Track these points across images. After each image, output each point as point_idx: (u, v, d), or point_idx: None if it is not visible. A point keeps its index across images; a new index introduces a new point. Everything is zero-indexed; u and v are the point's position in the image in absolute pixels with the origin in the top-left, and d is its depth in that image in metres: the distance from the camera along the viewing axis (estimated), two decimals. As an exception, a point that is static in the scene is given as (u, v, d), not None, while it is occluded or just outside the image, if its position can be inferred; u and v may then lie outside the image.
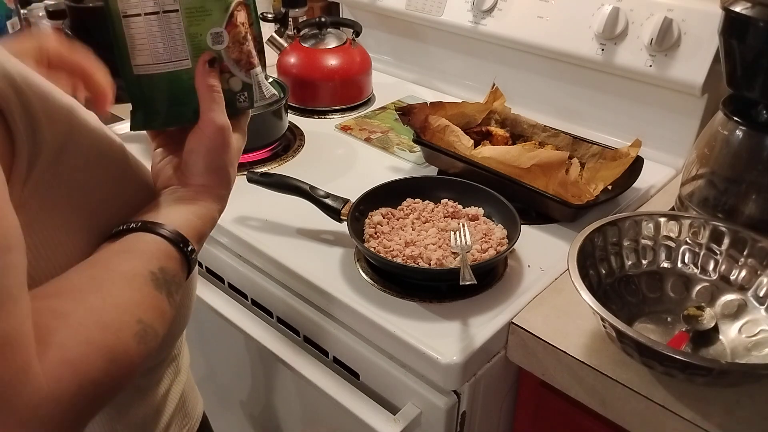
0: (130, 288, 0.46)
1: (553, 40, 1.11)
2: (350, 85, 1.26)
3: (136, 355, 0.45)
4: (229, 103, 0.57)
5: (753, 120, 0.79)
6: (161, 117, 0.59)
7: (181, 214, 0.53)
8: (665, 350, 0.61)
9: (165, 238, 0.50)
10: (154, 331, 0.46)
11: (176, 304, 0.50)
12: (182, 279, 0.52)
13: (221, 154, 0.55)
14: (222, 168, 0.56)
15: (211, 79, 0.55)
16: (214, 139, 0.55)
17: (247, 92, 0.59)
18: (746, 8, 0.73)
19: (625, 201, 0.97)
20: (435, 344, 0.71)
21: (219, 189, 0.56)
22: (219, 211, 0.57)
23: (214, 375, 1.16)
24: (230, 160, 0.56)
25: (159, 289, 0.48)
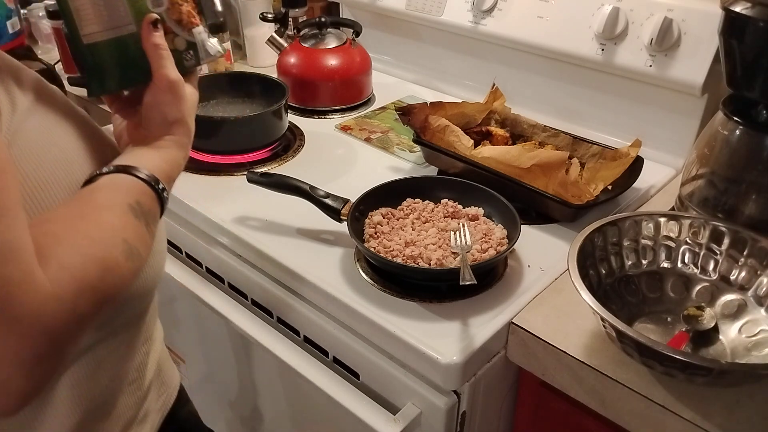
0: (112, 215, 0.52)
1: (553, 40, 1.12)
2: (350, 85, 1.26)
3: (125, 269, 0.50)
4: (178, 62, 0.62)
5: (753, 120, 0.79)
6: (115, 81, 0.63)
7: (150, 158, 0.59)
8: (665, 350, 0.61)
9: (138, 177, 0.56)
10: (138, 252, 0.52)
11: (153, 236, 0.57)
12: (157, 214, 0.58)
13: (177, 106, 0.61)
14: (180, 119, 0.61)
15: (157, 39, 0.60)
16: (169, 92, 0.60)
17: (192, 50, 0.64)
18: (746, 8, 0.73)
19: (625, 201, 0.97)
20: (435, 344, 0.71)
21: (180, 137, 0.62)
22: (183, 158, 0.62)
23: (214, 375, 1.16)
24: (187, 111, 0.62)
25: (138, 218, 0.54)
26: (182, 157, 0.62)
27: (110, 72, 0.62)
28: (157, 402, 0.75)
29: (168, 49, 0.61)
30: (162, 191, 0.58)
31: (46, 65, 1.26)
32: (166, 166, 0.59)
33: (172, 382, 0.79)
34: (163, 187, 0.58)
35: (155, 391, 0.74)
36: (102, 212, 0.51)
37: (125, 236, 0.51)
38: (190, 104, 0.63)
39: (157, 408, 0.74)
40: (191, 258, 1.02)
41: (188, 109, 0.63)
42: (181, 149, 0.62)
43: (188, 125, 0.63)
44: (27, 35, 1.49)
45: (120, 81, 0.63)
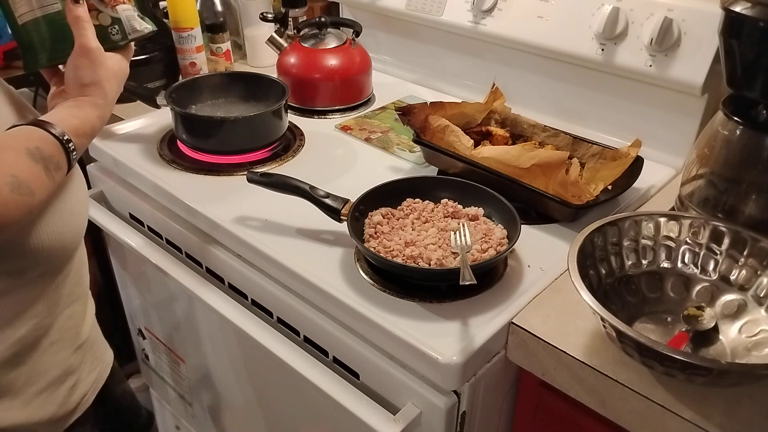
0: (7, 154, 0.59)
1: (553, 40, 1.12)
2: (350, 85, 1.26)
3: (9, 199, 0.57)
4: (105, 36, 0.70)
5: (753, 120, 0.79)
6: (47, 54, 0.71)
7: (61, 115, 0.66)
8: (665, 350, 0.61)
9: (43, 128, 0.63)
10: (28, 188, 0.58)
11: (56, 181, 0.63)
12: (62, 162, 0.64)
13: (93, 70, 0.68)
14: (96, 82, 0.69)
15: (77, 12, 0.67)
16: (85, 57, 0.68)
17: (117, 26, 0.71)
18: (746, 8, 0.73)
19: (625, 201, 0.97)
20: (435, 344, 0.71)
21: (95, 98, 0.69)
22: (98, 117, 0.69)
23: (214, 374, 1.16)
24: (104, 76, 0.69)
25: (35, 160, 0.60)
26: (96, 116, 0.69)
27: (41, 47, 0.70)
28: (90, 375, 0.81)
29: (89, 21, 0.68)
30: (66, 142, 0.64)
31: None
32: (76, 121, 0.66)
33: (104, 359, 0.86)
34: (68, 139, 0.64)
35: (88, 364, 0.81)
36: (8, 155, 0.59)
37: (15, 172, 0.58)
38: (111, 71, 0.70)
39: (90, 380, 0.81)
40: (191, 258, 1.02)
41: (106, 74, 0.69)
42: (95, 108, 0.69)
43: (104, 88, 0.69)
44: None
45: (50, 54, 0.71)
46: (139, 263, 1.17)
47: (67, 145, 0.64)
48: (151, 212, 1.06)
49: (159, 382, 1.39)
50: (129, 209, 1.12)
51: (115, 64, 0.71)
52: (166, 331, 1.23)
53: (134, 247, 1.05)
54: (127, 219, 1.13)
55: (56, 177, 0.63)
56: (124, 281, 1.29)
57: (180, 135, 1.08)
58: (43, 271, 0.71)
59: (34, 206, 0.60)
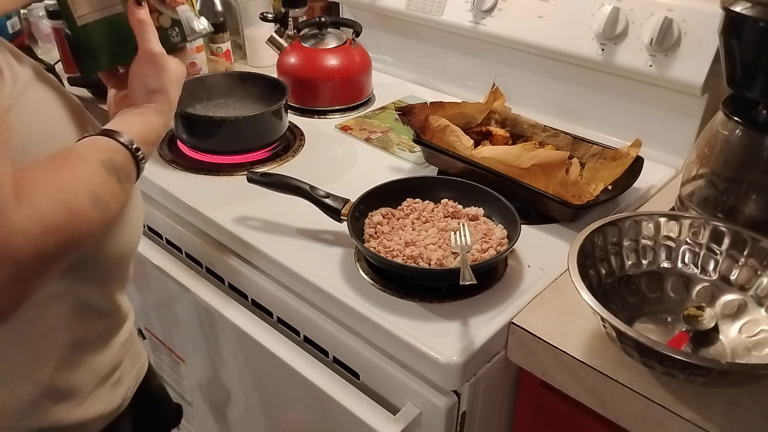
0: (84, 167, 0.57)
1: (553, 40, 1.11)
2: (350, 85, 1.26)
3: (92, 216, 0.55)
4: (165, 38, 0.68)
5: (753, 120, 0.79)
6: (106, 58, 0.69)
7: (128, 123, 0.64)
8: (665, 350, 0.61)
9: (114, 138, 0.61)
10: (106, 203, 0.57)
11: (127, 192, 0.62)
12: (131, 172, 0.62)
13: (158, 76, 0.66)
14: (161, 88, 0.67)
15: (141, 15, 0.66)
16: (150, 63, 0.66)
17: (177, 27, 0.69)
18: (746, 8, 0.73)
19: (625, 201, 0.97)
20: (435, 344, 0.71)
21: (160, 105, 0.67)
22: (163, 124, 0.68)
23: (214, 374, 1.16)
24: (168, 82, 0.67)
25: (109, 173, 0.59)
26: (162, 123, 0.67)
27: (101, 50, 0.68)
28: (132, 370, 0.81)
29: (152, 24, 0.66)
30: (135, 151, 0.62)
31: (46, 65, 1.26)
32: (143, 129, 0.64)
33: (143, 355, 0.86)
34: (137, 148, 0.62)
35: (129, 360, 0.80)
36: (77, 164, 0.57)
37: (94, 187, 0.56)
38: (173, 76, 0.68)
39: (132, 375, 0.81)
40: (191, 258, 1.02)
41: (170, 80, 0.67)
42: (161, 116, 0.67)
43: (168, 94, 0.68)
44: (27, 35, 1.49)
45: (111, 58, 0.69)
46: (139, 263, 1.17)
47: (137, 153, 0.63)
48: (151, 212, 1.06)
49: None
50: (129, 209, 1.12)
51: (176, 68, 0.69)
52: (166, 331, 1.23)
53: (134, 247, 1.05)
54: (127, 219, 1.13)
55: (127, 188, 0.62)
56: (124, 281, 1.29)
57: (180, 135, 1.08)
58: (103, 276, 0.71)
59: (110, 220, 0.59)
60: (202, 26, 0.72)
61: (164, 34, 0.68)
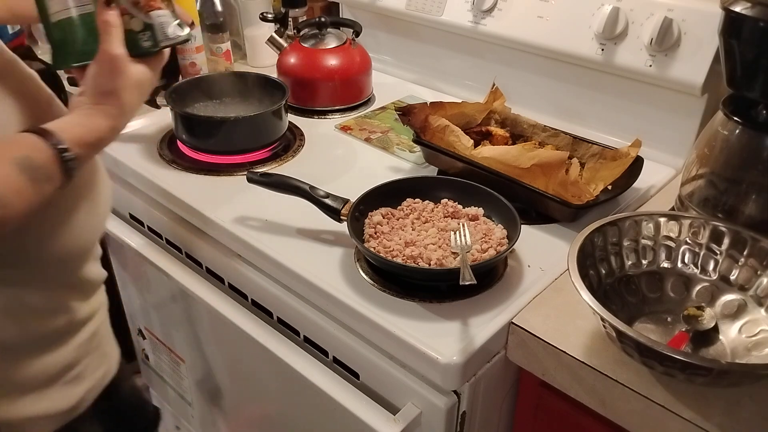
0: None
1: (553, 40, 1.12)
2: (350, 85, 1.26)
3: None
4: (134, 42, 0.66)
5: (753, 120, 0.79)
6: (75, 55, 0.68)
7: (68, 122, 0.63)
8: (665, 350, 0.61)
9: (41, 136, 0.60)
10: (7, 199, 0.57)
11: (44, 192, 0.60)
12: (54, 172, 0.60)
13: (112, 79, 0.64)
14: (112, 91, 0.65)
15: (106, 16, 0.65)
16: (106, 64, 0.64)
17: (149, 32, 0.67)
18: (746, 8, 0.73)
19: (625, 201, 0.97)
20: (435, 344, 0.71)
21: (110, 108, 0.65)
22: (109, 127, 0.66)
23: (214, 375, 1.16)
24: (123, 85, 0.65)
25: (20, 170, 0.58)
26: (107, 126, 0.65)
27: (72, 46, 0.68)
28: (96, 371, 0.81)
29: (117, 26, 0.65)
30: (62, 151, 0.61)
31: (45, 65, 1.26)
32: (81, 130, 0.63)
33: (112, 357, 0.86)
34: (64, 148, 0.61)
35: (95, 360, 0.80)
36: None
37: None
38: (132, 81, 0.66)
39: (96, 376, 0.81)
40: (191, 258, 1.02)
41: (125, 83, 0.65)
42: (107, 119, 0.65)
43: (121, 98, 0.65)
44: (27, 35, 1.49)
45: (79, 56, 0.68)
46: (139, 263, 1.17)
47: (63, 154, 0.61)
48: (151, 212, 1.06)
49: (159, 382, 1.39)
50: (129, 209, 1.12)
51: (140, 74, 0.67)
52: (166, 331, 1.23)
53: (134, 247, 1.05)
54: (127, 219, 1.13)
55: (45, 188, 0.60)
56: (124, 281, 1.29)
57: (180, 135, 1.08)
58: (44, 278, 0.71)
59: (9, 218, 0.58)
60: (177, 33, 0.69)
61: (134, 37, 0.66)
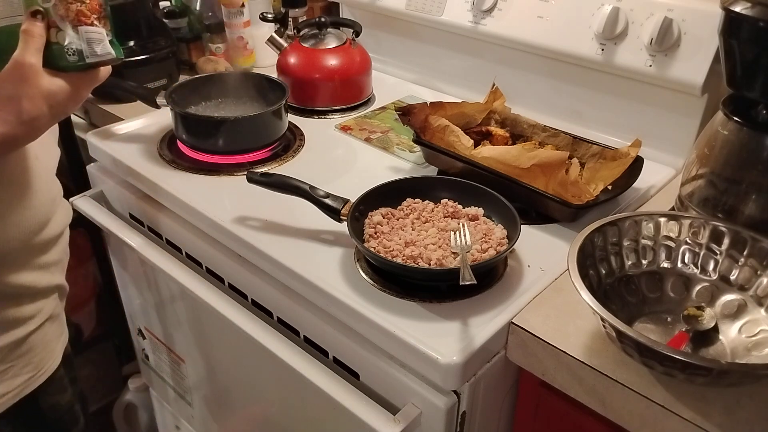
0: None
1: (553, 40, 1.12)
2: (350, 85, 1.26)
3: None
4: (59, 55, 0.66)
5: (753, 120, 0.79)
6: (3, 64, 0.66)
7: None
8: (665, 350, 0.61)
9: None
10: None
11: None
12: None
13: (15, 85, 0.64)
14: (12, 96, 0.64)
15: (27, 26, 0.65)
16: (12, 71, 0.64)
17: (75, 47, 0.66)
18: (746, 8, 0.73)
19: (625, 201, 0.97)
20: (435, 344, 0.71)
21: (5, 114, 0.65)
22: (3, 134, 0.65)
23: (214, 375, 1.16)
24: (26, 93, 0.65)
25: None
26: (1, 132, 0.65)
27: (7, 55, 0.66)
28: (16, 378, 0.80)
29: (35, 36, 0.64)
30: None
31: None
32: None
33: (42, 366, 0.84)
34: None
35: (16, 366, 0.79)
36: None
37: None
38: (40, 91, 0.65)
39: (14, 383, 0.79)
40: (191, 258, 1.02)
41: (30, 92, 0.65)
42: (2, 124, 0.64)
43: (20, 105, 0.65)
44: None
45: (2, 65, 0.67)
46: (139, 263, 1.17)
47: None
48: (151, 212, 1.06)
49: (159, 382, 1.39)
50: (129, 209, 1.12)
51: (53, 86, 0.66)
52: (166, 331, 1.23)
53: (134, 247, 1.05)
54: (127, 219, 1.13)
55: None
56: (124, 281, 1.29)
57: (180, 135, 1.08)
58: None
59: None
60: (107, 51, 0.68)
61: (59, 51, 0.66)
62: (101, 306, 1.63)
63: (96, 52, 0.67)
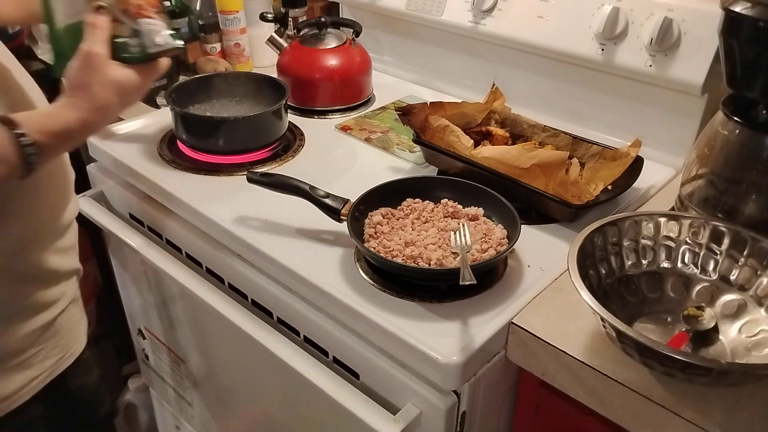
0: None
1: (553, 40, 1.12)
2: (350, 85, 1.26)
3: None
4: (123, 48, 0.70)
5: (753, 120, 0.79)
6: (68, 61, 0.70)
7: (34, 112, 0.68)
8: (665, 350, 0.61)
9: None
10: None
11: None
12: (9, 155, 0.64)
13: (85, 74, 0.68)
14: (82, 85, 0.69)
15: (92, 19, 0.69)
16: (82, 60, 0.68)
17: (137, 38, 0.70)
18: (746, 8, 0.73)
19: (625, 201, 0.97)
20: (435, 344, 0.71)
21: (79, 101, 0.68)
22: (78, 120, 0.68)
23: (214, 375, 1.16)
24: (95, 81, 0.68)
25: None
26: (74, 117, 0.68)
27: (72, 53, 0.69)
28: (45, 360, 0.83)
29: (101, 29, 0.69)
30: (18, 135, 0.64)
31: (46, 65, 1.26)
32: (45, 118, 0.67)
33: (69, 349, 0.88)
34: (21, 133, 0.64)
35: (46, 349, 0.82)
36: None
37: None
38: (109, 79, 0.69)
39: (45, 365, 0.83)
40: (191, 258, 1.02)
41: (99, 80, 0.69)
42: (75, 110, 0.68)
43: (91, 93, 0.69)
44: (27, 35, 1.49)
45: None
46: (139, 263, 1.17)
47: (20, 138, 0.64)
48: (151, 212, 1.06)
49: (159, 382, 1.39)
50: (129, 209, 1.12)
51: (121, 75, 0.70)
52: (166, 331, 1.23)
53: (134, 247, 1.05)
54: (127, 219, 1.13)
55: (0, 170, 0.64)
56: (124, 281, 1.29)
57: (180, 135, 1.08)
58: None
59: None
60: (167, 41, 0.71)
61: (123, 43, 0.70)
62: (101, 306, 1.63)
63: (156, 42, 0.71)
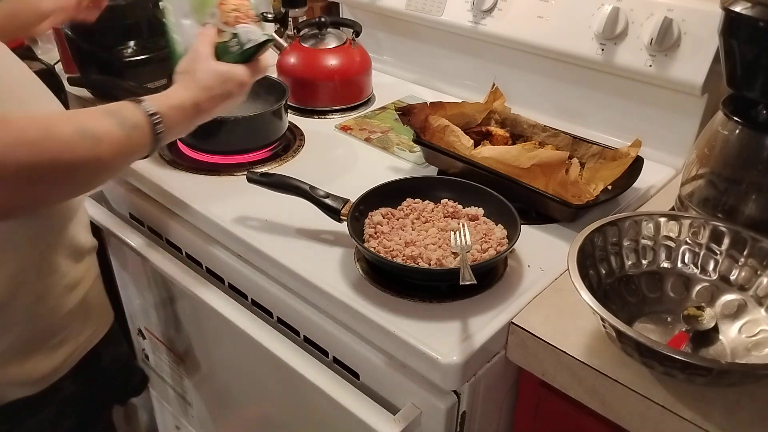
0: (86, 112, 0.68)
1: (553, 40, 1.11)
2: (350, 85, 1.26)
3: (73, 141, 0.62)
4: (225, 50, 0.83)
5: (753, 120, 0.79)
6: None
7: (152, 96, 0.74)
8: (665, 350, 0.61)
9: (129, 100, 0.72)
10: (95, 136, 0.64)
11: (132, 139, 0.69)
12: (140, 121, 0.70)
13: (190, 62, 0.80)
14: (188, 71, 0.80)
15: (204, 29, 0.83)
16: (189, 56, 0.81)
17: (235, 39, 0.84)
18: (746, 8, 0.73)
19: (625, 201, 0.97)
20: (435, 344, 0.71)
21: (186, 82, 0.79)
22: (186, 97, 0.77)
23: (214, 375, 1.16)
24: (201, 68, 0.79)
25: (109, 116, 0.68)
26: (184, 95, 0.77)
27: None
28: (79, 335, 0.87)
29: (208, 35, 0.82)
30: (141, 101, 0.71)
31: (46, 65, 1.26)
32: (161, 96, 0.75)
33: (100, 321, 0.92)
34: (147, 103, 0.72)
35: (78, 324, 0.86)
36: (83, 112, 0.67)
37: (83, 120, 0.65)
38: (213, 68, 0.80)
39: (79, 340, 0.87)
40: (191, 258, 1.02)
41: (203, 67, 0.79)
42: (184, 89, 0.78)
43: (195, 75, 0.79)
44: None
45: None
46: (139, 263, 1.17)
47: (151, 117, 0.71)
48: (151, 212, 1.06)
49: (159, 382, 1.39)
50: (129, 209, 1.12)
51: (222, 66, 0.80)
52: (166, 331, 1.23)
53: (134, 247, 1.05)
54: (127, 219, 1.13)
55: (133, 135, 0.69)
56: (124, 281, 1.29)
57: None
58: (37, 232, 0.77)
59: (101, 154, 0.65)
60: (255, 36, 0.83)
61: (224, 45, 0.83)
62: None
63: (250, 38, 0.83)
